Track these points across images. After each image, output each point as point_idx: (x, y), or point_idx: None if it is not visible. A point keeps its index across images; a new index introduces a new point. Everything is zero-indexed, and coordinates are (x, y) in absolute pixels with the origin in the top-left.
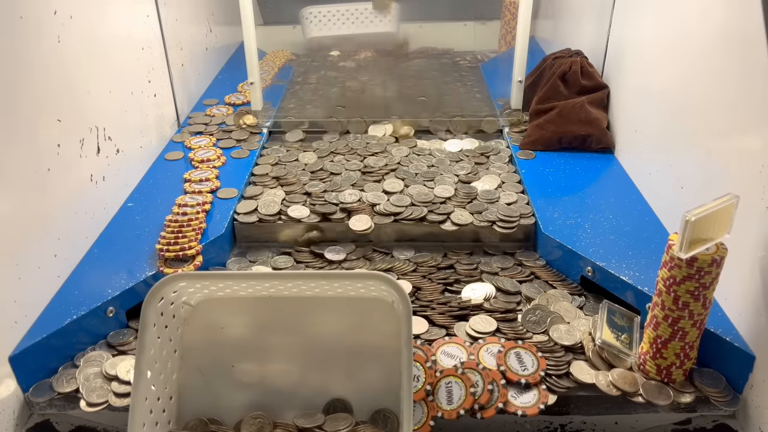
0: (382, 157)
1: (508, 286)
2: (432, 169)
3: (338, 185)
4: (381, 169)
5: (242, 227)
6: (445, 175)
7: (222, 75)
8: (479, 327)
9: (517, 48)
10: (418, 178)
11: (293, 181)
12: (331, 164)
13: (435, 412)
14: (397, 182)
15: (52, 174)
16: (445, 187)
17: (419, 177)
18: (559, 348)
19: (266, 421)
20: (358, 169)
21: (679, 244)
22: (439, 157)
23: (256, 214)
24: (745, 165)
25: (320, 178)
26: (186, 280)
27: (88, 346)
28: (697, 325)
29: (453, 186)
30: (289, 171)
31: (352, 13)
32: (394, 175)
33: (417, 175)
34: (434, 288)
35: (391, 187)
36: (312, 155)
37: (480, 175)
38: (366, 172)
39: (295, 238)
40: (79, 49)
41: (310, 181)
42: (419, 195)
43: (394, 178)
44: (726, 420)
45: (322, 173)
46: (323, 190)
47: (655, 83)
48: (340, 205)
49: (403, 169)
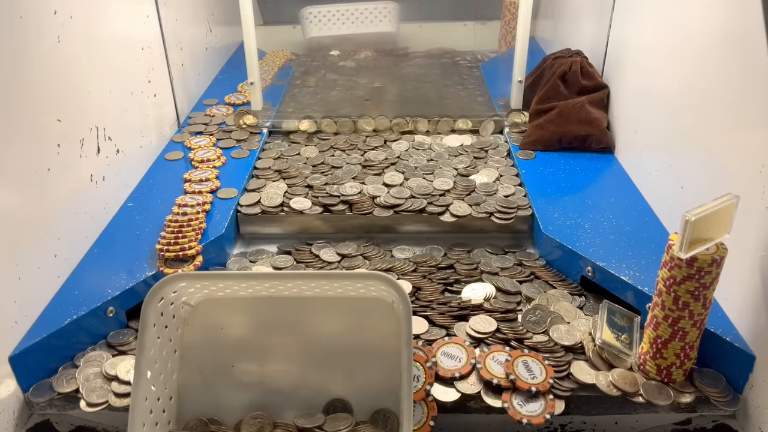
0: (382, 152)
1: (508, 286)
2: (431, 163)
3: (339, 178)
4: (381, 163)
5: (245, 218)
6: (444, 168)
7: (222, 75)
8: (479, 327)
9: (517, 48)
10: (417, 171)
11: (295, 174)
12: (332, 158)
13: (435, 412)
14: (397, 175)
15: (52, 174)
16: (444, 180)
17: (419, 170)
18: (559, 348)
19: (266, 421)
20: (359, 163)
21: (679, 244)
22: (438, 152)
23: (259, 206)
24: (745, 165)
25: (321, 171)
26: (186, 280)
27: (88, 346)
28: (697, 325)
29: (452, 179)
30: (291, 165)
31: (352, 13)
32: (395, 169)
33: (417, 168)
34: (434, 288)
35: (391, 180)
36: (313, 149)
37: (478, 168)
38: (366, 166)
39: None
40: (79, 49)
41: (311, 174)
42: (419, 187)
43: (394, 171)
44: (726, 420)
45: (324, 167)
46: (324, 182)
47: (655, 83)
48: (341, 197)
49: (403, 163)
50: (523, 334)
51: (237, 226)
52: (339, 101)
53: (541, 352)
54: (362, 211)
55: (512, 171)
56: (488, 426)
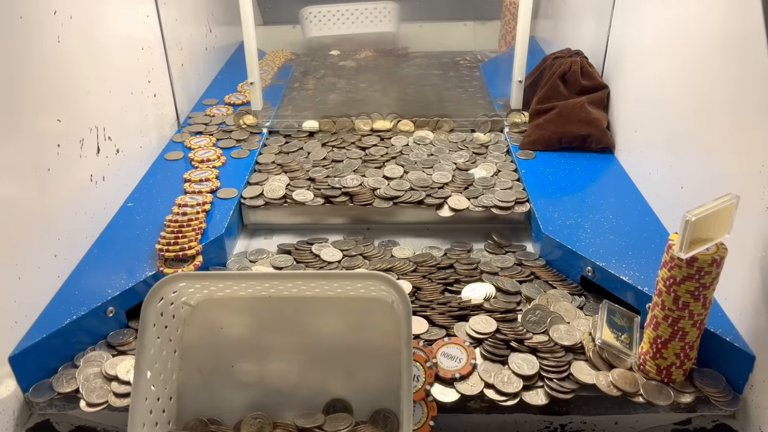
0: (383, 147)
1: (508, 286)
2: (431, 158)
3: (340, 171)
4: (382, 157)
5: (249, 210)
6: (443, 162)
7: (222, 75)
8: (479, 327)
9: (517, 48)
10: (417, 165)
11: (297, 168)
12: (333, 153)
13: (435, 412)
14: (397, 168)
15: (52, 174)
16: (443, 173)
17: (419, 164)
18: (559, 348)
19: (266, 421)
20: (360, 157)
21: (680, 244)
22: (438, 146)
23: (262, 198)
24: (745, 165)
25: (323, 165)
26: (186, 280)
27: (88, 346)
28: (697, 325)
29: (451, 173)
30: (293, 159)
31: (352, 13)
32: (395, 162)
33: (416, 163)
34: (434, 288)
35: (391, 173)
36: (315, 143)
37: (477, 163)
38: (367, 160)
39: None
40: (79, 49)
41: (313, 168)
42: (418, 180)
43: (394, 164)
44: (726, 420)
45: (325, 161)
46: (326, 175)
47: (655, 83)
48: (343, 189)
49: (404, 157)
50: (523, 334)
51: (241, 217)
52: (339, 101)
53: (541, 352)
54: (362, 202)
55: (511, 166)
56: (488, 426)
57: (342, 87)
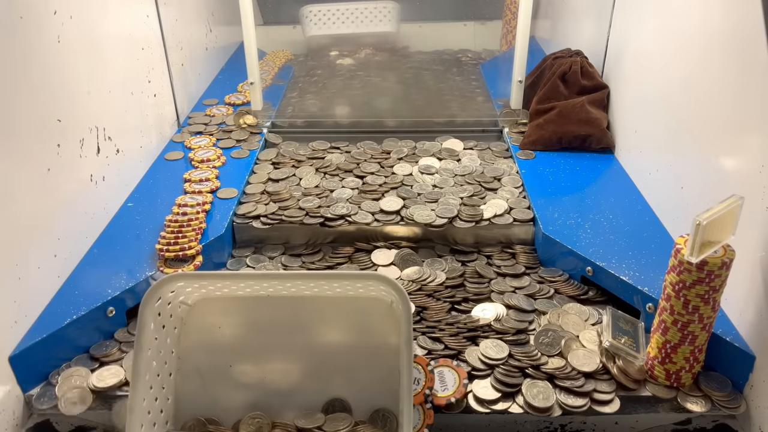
0: (382, 176)
1: (523, 304)
2: (436, 190)
3: (334, 201)
4: (381, 187)
5: (241, 228)
6: (449, 196)
7: (222, 75)
8: (491, 353)
9: (517, 48)
10: (420, 198)
11: (287, 197)
12: (326, 181)
13: (431, 420)
14: (396, 201)
15: (52, 174)
16: (448, 207)
17: (422, 198)
18: (579, 375)
19: (265, 421)
20: (356, 187)
21: (690, 249)
22: (443, 177)
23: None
24: (745, 165)
25: (316, 194)
26: (183, 280)
27: (88, 346)
28: (706, 328)
29: (456, 208)
30: (283, 187)
31: (352, 13)
32: (396, 194)
33: (420, 195)
34: (441, 307)
35: (388, 207)
36: (309, 169)
37: (487, 199)
38: (364, 191)
39: None
40: (79, 49)
41: (303, 197)
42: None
43: (395, 196)
44: (726, 420)
45: (317, 190)
46: (318, 205)
47: (655, 83)
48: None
49: (405, 188)
50: (538, 359)
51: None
52: (338, 101)
53: (559, 379)
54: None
55: (524, 203)
56: (488, 426)
57: (342, 87)
